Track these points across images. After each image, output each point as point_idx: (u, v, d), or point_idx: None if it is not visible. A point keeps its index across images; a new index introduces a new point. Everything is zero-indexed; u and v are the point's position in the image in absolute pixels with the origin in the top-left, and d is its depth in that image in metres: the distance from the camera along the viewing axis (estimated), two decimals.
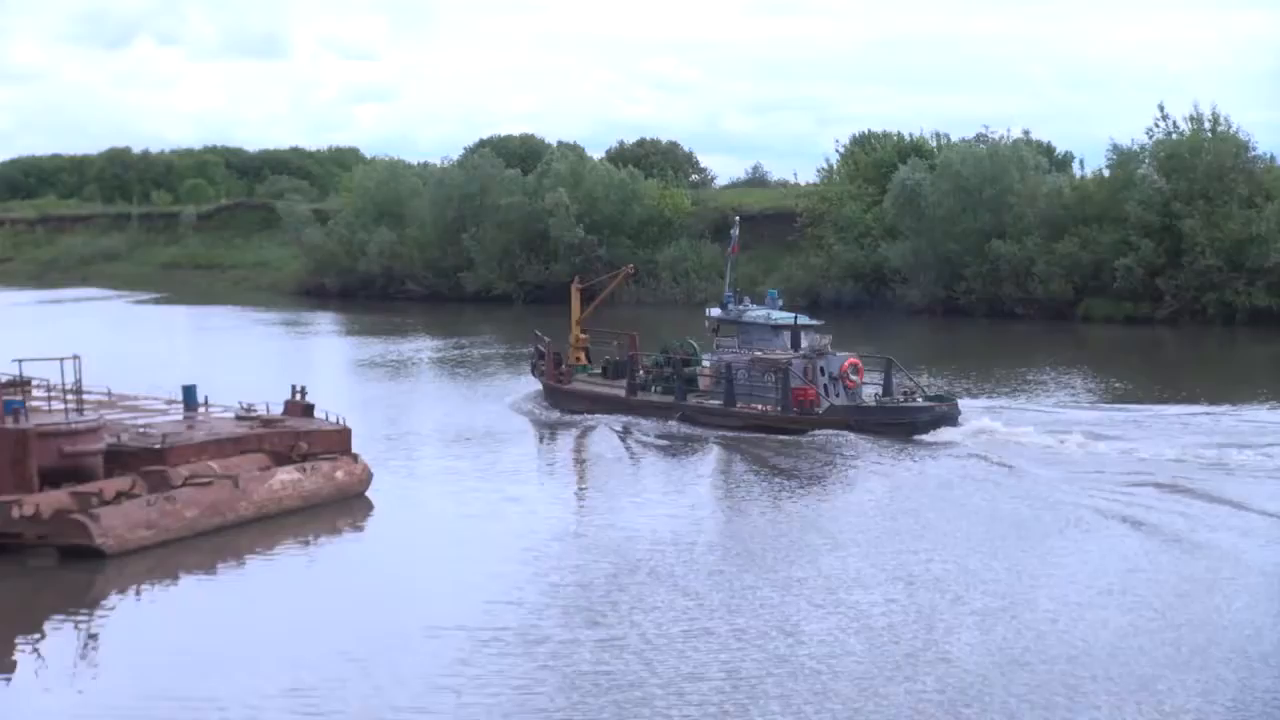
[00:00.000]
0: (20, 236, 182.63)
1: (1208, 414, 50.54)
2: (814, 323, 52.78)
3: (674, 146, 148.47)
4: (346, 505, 38.75)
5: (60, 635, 28.38)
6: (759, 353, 50.50)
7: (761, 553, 32.40)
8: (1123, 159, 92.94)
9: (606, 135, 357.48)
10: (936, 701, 22.80)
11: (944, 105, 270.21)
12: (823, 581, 29.74)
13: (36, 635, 28.17)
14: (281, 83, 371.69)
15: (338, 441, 40.88)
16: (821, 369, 49.42)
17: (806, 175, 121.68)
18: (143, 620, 29.59)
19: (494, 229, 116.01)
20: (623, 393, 54.06)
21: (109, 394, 44.87)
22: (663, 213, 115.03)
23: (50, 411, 36.94)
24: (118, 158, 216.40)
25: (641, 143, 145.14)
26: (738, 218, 61.20)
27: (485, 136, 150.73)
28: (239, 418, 41.86)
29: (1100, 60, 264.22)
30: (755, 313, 52.71)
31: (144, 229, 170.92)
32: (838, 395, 49.28)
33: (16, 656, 27.10)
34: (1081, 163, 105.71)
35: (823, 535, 34.06)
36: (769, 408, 49.43)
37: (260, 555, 33.99)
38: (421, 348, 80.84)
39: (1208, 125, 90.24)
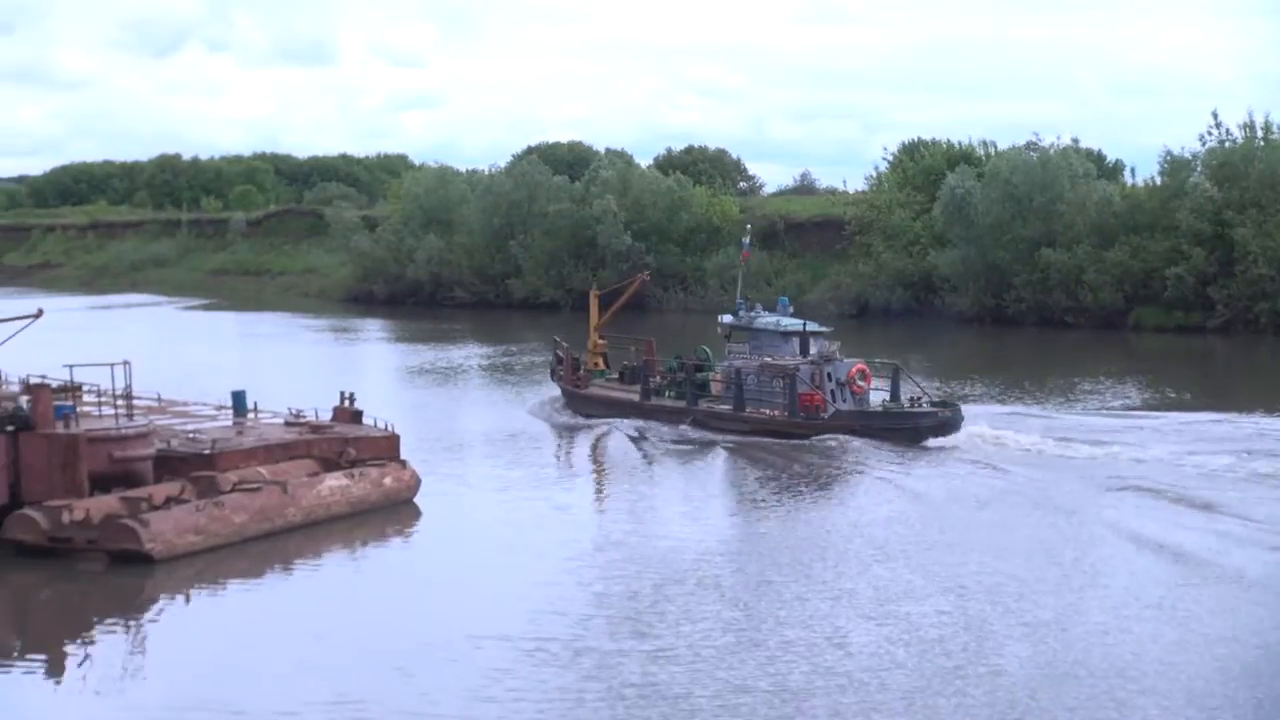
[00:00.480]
0: (71, 242, 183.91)
1: (1255, 425, 50.02)
2: (823, 329, 52.99)
3: (722, 154, 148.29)
4: (394, 511, 38.78)
5: (109, 639, 28.52)
6: (768, 359, 51.17)
7: (809, 563, 32.23)
8: (1175, 166, 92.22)
9: (653, 142, 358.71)
10: (985, 716, 22.63)
11: (991, 112, 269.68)
12: (872, 593, 29.55)
13: (85, 639, 28.33)
14: (330, 89, 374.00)
15: (386, 448, 40.93)
16: (829, 375, 49.96)
17: (854, 183, 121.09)
18: (190, 625, 29.67)
19: (542, 236, 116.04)
20: (637, 398, 54.69)
21: (159, 400, 45.10)
22: (710, 220, 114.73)
23: (100, 417, 37.15)
24: (168, 164, 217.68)
25: (689, 150, 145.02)
26: (749, 225, 63.60)
27: (533, 143, 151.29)
28: (288, 424, 41.99)
29: (1150, 67, 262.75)
30: (765, 319, 53.33)
31: (193, 235, 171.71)
32: (844, 400, 49.80)
33: (66, 660, 27.26)
34: (1132, 171, 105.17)
35: (871, 545, 33.80)
36: (776, 412, 49.94)
37: (307, 561, 34.05)
38: (470, 354, 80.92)
39: (1260, 133, 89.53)
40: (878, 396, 50.99)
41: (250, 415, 43.60)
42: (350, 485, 38.01)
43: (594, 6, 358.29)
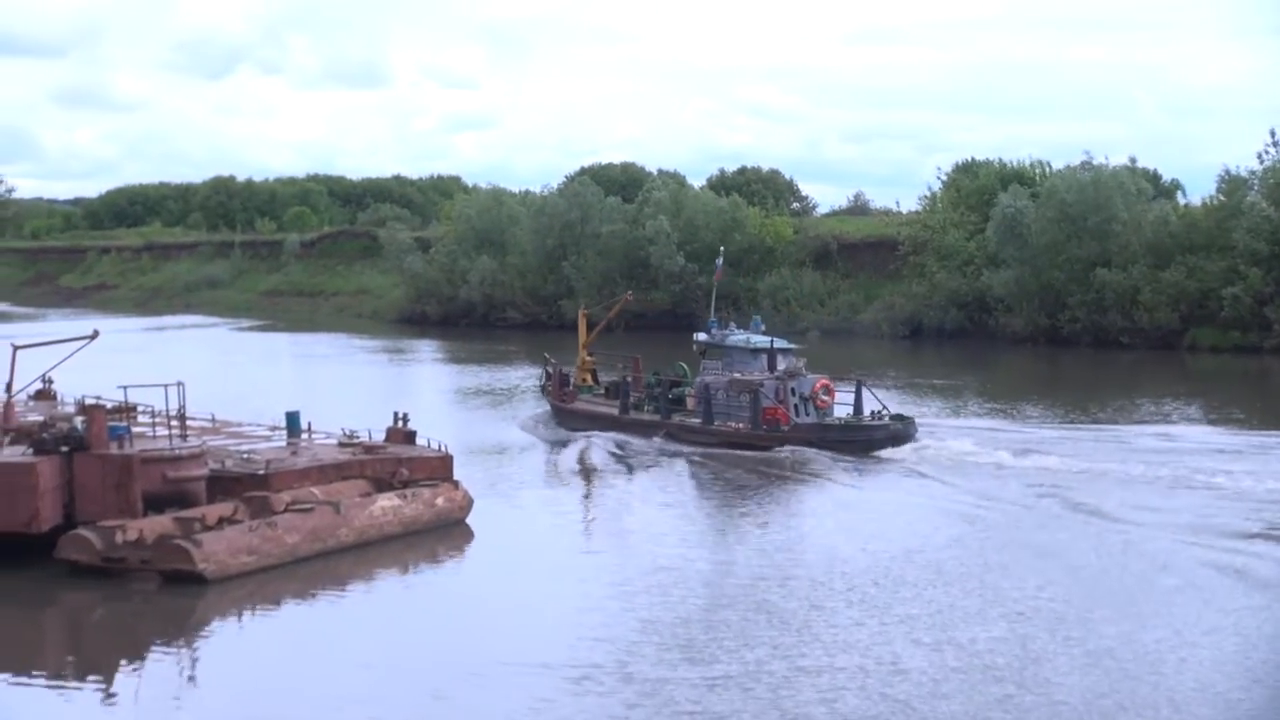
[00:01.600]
0: (126, 264, 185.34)
1: None
2: (790, 347, 55.48)
3: (775, 174, 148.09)
4: (446, 532, 38.67)
5: (161, 659, 28.51)
6: (737, 375, 53.62)
7: (865, 587, 31.92)
8: (1232, 186, 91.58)
9: (706, 163, 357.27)
10: None
11: (1046, 132, 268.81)
12: (928, 618, 29.12)
13: (138, 659, 28.34)
14: (382, 111, 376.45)
15: (439, 468, 40.88)
16: (793, 390, 52.27)
17: (908, 203, 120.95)
18: (242, 646, 29.64)
19: (594, 257, 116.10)
20: (617, 412, 56.86)
21: (213, 420, 45.24)
22: (764, 240, 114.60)
23: (154, 437, 37.16)
24: (222, 186, 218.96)
25: (743, 170, 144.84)
26: (722, 248, 68.76)
27: (585, 164, 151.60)
28: (341, 444, 41.98)
29: (1206, 87, 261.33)
30: (736, 337, 55.81)
31: (247, 256, 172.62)
32: (808, 414, 52.13)
33: (118, 680, 27.24)
34: (1183, 190, 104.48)
35: (923, 569, 33.43)
36: (742, 426, 52.00)
37: (359, 583, 33.99)
38: (523, 375, 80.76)
39: None
40: (844, 410, 53.06)
41: (304, 436, 43.62)
42: (402, 506, 37.96)
43: (646, 27, 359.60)
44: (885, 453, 49.26)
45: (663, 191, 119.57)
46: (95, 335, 43.32)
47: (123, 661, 28.27)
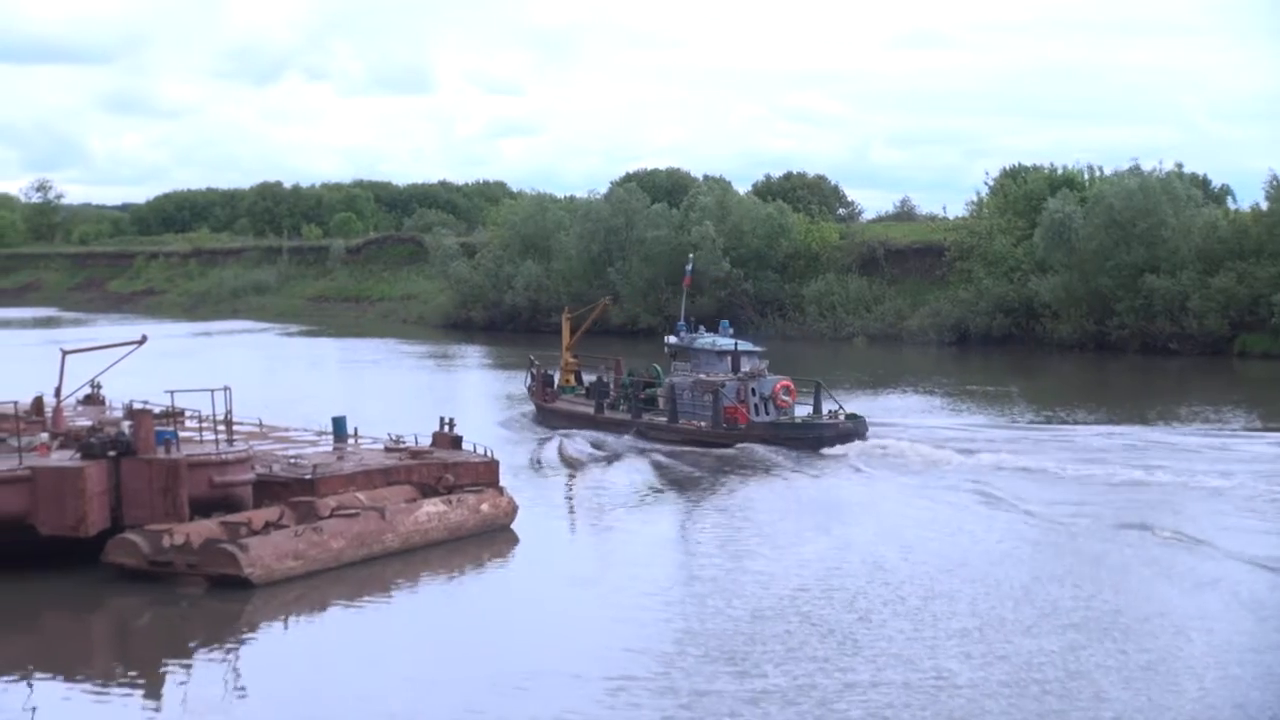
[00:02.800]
0: (174, 269, 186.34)
1: None
2: (754, 349, 57.91)
3: (821, 180, 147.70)
4: (491, 538, 38.66)
5: (207, 663, 28.53)
6: (703, 376, 56.13)
7: (905, 596, 31.72)
8: None
9: (751, 169, 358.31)
10: None
11: (1094, 137, 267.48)
12: (979, 632, 28.74)
13: (184, 663, 28.36)
14: (428, 117, 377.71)
15: (485, 474, 40.86)
16: (753, 390, 54.83)
17: (955, 209, 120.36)
18: (287, 651, 29.69)
19: (640, 262, 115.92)
20: (592, 410, 59.84)
21: (260, 425, 45.34)
22: (810, 246, 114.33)
23: (201, 442, 37.27)
24: (268, 192, 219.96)
25: (788, 176, 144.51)
26: (691, 255, 73.24)
27: (630, 170, 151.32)
28: (387, 449, 42.03)
29: (1257, 91, 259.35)
30: (703, 340, 58.31)
31: (294, 262, 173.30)
32: (768, 413, 54.60)
33: (164, 684, 27.28)
34: (1233, 196, 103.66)
35: (969, 581, 33.22)
36: (704, 424, 54.72)
37: (403, 589, 33.97)
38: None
39: None
40: (804, 410, 55.25)
41: (350, 440, 43.72)
42: (448, 511, 37.93)
43: (691, 33, 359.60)
44: (834, 450, 51.42)
45: (708, 197, 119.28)
46: (143, 340, 43.46)
47: (169, 665, 28.30)
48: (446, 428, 43.26)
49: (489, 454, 41.74)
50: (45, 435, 37.94)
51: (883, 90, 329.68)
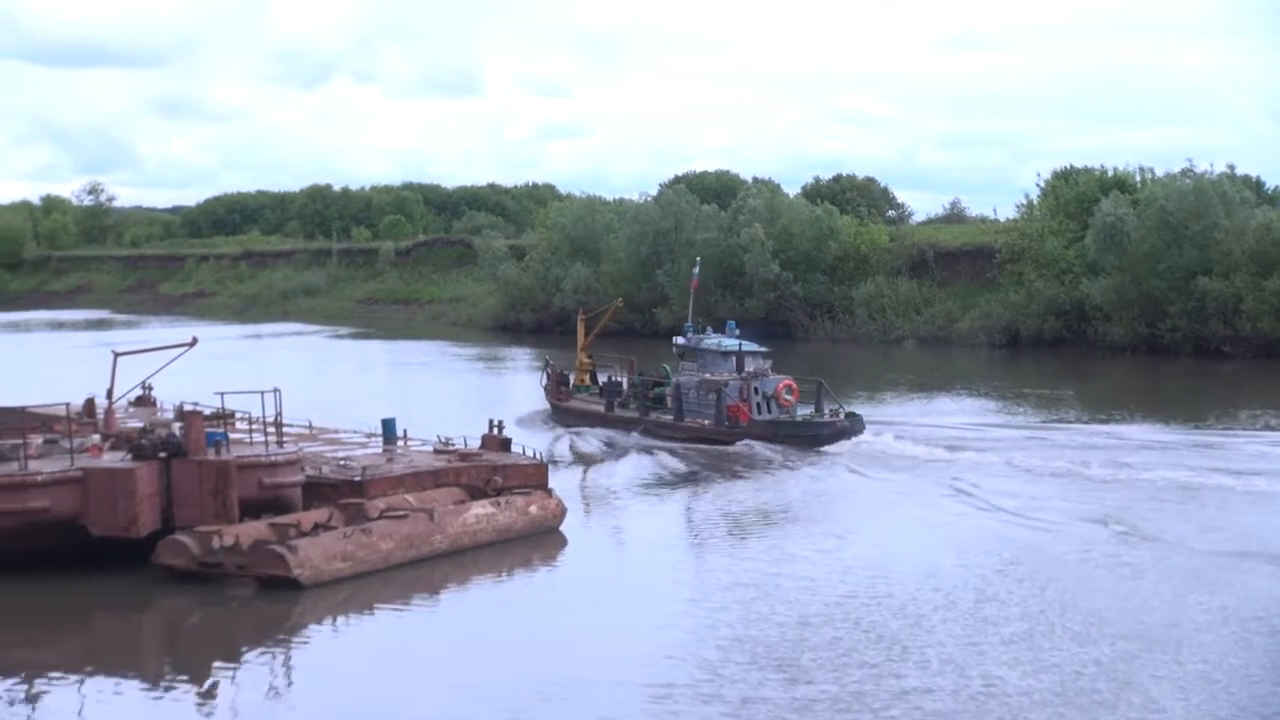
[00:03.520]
0: (224, 272, 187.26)
1: None
2: (759, 350, 59.06)
3: (870, 182, 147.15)
4: (539, 541, 38.64)
5: (256, 664, 28.65)
6: (708, 375, 57.89)
7: (967, 603, 31.48)
8: None
9: (800, 171, 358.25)
10: None
11: (1145, 139, 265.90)
12: (1026, 639, 28.46)
13: (233, 664, 28.44)
14: (476, 120, 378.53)
15: (534, 476, 40.86)
16: (756, 389, 56.37)
17: (1005, 211, 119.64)
18: (335, 652, 29.72)
19: (689, 265, 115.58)
20: (603, 409, 61.46)
21: (309, 427, 45.45)
22: (859, 249, 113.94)
23: (251, 444, 37.38)
24: (318, 194, 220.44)
25: (837, 179, 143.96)
26: (699, 258, 74.98)
27: (679, 172, 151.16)
28: (437, 451, 42.09)
29: None
30: (709, 341, 60.05)
31: (343, 264, 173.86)
32: (770, 412, 56.11)
33: (214, 684, 27.34)
34: None
35: (1022, 583, 32.95)
36: (708, 422, 56.45)
37: (451, 591, 34.03)
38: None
39: None
40: (805, 410, 56.33)
41: (399, 442, 43.80)
42: (496, 513, 37.92)
43: (740, 35, 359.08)
44: (832, 447, 52.93)
45: (757, 200, 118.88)
46: (194, 342, 43.72)
47: (218, 666, 28.38)
48: (495, 430, 43.30)
49: (537, 456, 41.71)
50: (97, 436, 38.24)
51: (932, 92, 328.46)
